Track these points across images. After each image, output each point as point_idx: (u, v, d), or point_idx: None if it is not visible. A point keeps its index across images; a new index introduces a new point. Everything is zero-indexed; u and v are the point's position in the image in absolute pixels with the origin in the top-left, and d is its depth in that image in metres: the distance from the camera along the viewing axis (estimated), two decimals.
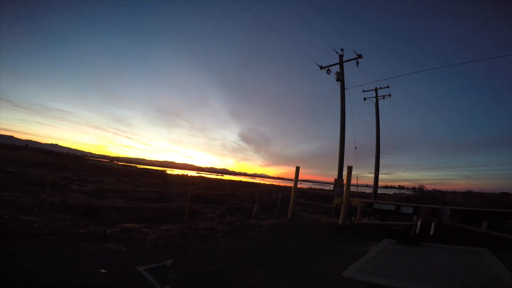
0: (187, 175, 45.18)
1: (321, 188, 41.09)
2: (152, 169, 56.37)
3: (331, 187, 13.37)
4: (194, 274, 3.70)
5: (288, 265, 4.27)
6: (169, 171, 62.00)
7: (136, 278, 3.38)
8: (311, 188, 43.85)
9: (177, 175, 39.13)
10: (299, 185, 11.76)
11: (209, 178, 43.79)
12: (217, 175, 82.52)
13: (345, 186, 9.04)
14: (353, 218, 8.73)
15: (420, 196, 45.04)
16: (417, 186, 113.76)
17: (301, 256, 4.82)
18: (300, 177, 11.48)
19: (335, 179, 12.77)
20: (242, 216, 9.30)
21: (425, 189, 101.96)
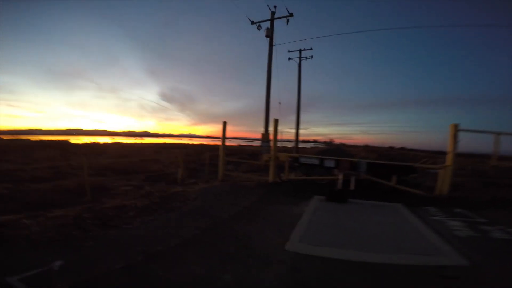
0: (97, 142, 39.10)
1: (250, 145, 41.99)
2: (51, 140, 46.52)
3: (259, 143, 13.33)
4: (94, 277, 2.68)
5: (224, 243, 3.59)
6: (75, 140, 52.52)
7: None
8: (241, 145, 44.53)
9: (85, 144, 33.29)
10: (228, 143, 11.19)
11: (126, 143, 39.31)
12: (136, 139, 75.34)
13: (272, 142, 8.87)
14: (282, 174, 8.81)
15: (331, 150, 48.90)
16: (327, 140, 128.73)
17: (236, 229, 4.19)
18: (229, 134, 10.86)
19: (262, 134, 12.69)
20: (166, 184, 8.26)
21: (333, 142, 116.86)
